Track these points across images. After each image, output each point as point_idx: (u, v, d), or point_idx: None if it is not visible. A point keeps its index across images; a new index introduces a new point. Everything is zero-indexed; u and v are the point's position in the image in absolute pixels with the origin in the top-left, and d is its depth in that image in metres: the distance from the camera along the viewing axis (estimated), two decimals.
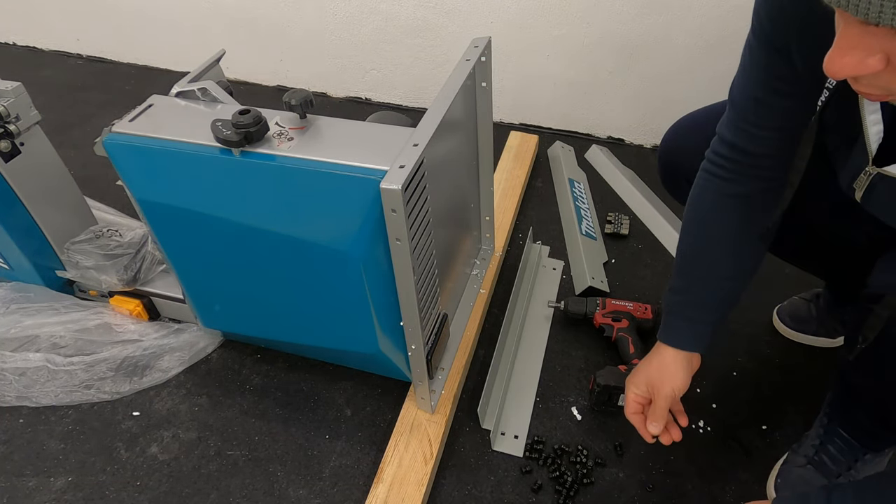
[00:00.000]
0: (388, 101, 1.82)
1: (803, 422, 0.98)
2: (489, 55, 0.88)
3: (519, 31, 1.54)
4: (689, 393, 1.02)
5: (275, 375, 1.06)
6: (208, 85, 0.85)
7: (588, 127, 1.68)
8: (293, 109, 0.75)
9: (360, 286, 0.79)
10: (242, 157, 0.74)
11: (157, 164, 0.80)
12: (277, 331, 0.99)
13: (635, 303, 1.11)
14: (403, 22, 1.62)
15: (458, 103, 0.81)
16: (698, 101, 0.92)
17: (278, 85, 1.90)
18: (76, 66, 2.02)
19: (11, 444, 0.95)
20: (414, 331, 0.80)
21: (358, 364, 1.05)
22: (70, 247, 1.07)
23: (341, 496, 0.89)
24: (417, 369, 0.87)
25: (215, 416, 0.99)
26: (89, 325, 1.07)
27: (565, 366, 1.08)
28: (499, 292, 1.20)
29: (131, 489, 0.90)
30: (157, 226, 0.88)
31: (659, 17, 1.41)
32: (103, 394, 1.01)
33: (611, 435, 0.97)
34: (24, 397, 0.99)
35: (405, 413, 0.95)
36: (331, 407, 1.01)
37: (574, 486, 0.89)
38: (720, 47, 1.41)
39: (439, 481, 0.90)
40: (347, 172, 0.70)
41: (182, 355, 1.06)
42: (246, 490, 0.89)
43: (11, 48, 2.11)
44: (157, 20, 1.86)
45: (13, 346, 1.04)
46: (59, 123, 1.67)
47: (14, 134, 0.95)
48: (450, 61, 1.66)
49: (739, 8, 1.35)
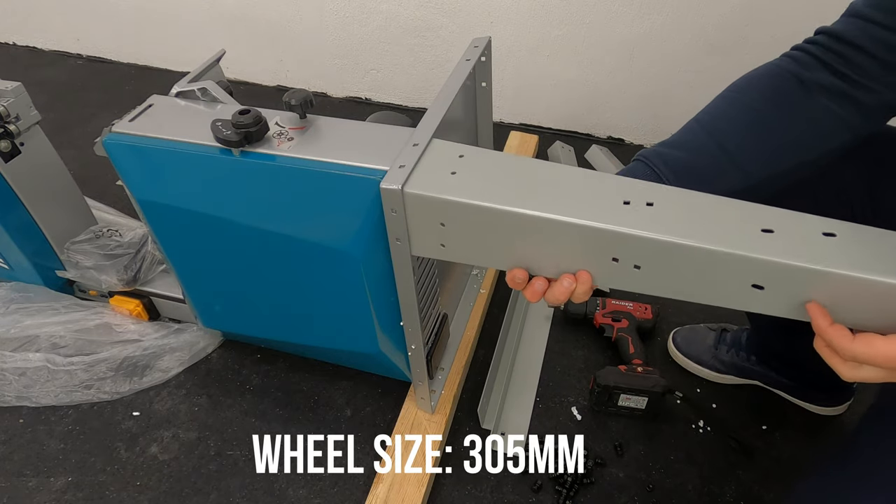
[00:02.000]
0: (388, 101, 1.82)
1: (804, 422, 0.98)
2: (489, 55, 0.88)
3: (519, 31, 1.54)
4: (689, 393, 1.03)
5: (275, 375, 1.06)
6: (208, 85, 0.85)
7: (588, 127, 1.68)
8: (293, 109, 0.75)
9: (360, 286, 0.79)
10: (242, 157, 0.74)
11: (157, 164, 0.80)
12: (277, 331, 0.99)
13: (635, 303, 1.12)
14: (404, 22, 1.62)
15: (458, 103, 0.81)
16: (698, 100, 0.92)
17: (278, 85, 1.90)
18: (76, 66, 2.02)
19: (11, 444, 0.95)
20: (414, 331, 0.80)
21: (358, 364, 1.05)
22: (70, 247, 1.07)
23: (341, 496, 0.89)
24: (417, 369, 0.87)
25: (215, 416, 0.99)
26: (89, 325, 1.07)
27: (565, 366, 1.08)
28: (499, 292, 1.20)
29: (131, 489, 0.90)
30: (157, 226, 0.88)
31: (659, 17, 1.41)
32: (103, 394, 1.01)
33: (611, 435, 0.97)
34: (24, 397, 0.99)
35: (405, 413, 0.95)
36: (331, 407, 1.01)
37: (574, 486, 0.89)
38: (720, 47, 1.41)
39: (439, 481, 0.90)
40: (347, 172, 0.70)
41: (182, 355, 1.06)
42: (246, 490, 0.89)
43: (11, 48, 2.11)
44: (156, 20, 1.86)
45: (13, 346, 1.04)
46: (59, 123, 1.67)
47: (14, 134, 0.95)
48: (450, 61, 1.66)
49: (739, 8, 1.35)
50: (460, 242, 0.62)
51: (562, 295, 0.58)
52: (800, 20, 1.31)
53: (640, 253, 0.53)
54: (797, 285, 0.49)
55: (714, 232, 0.51)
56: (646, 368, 0.98)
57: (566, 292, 0.58)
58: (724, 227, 0.52)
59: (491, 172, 0.61)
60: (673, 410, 1.00)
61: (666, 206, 0.54)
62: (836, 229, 0.50)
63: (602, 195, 0.56)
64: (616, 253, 0.54)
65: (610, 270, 0.56)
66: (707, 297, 0.54)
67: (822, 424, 0.98)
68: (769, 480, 0.91)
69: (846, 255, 0.47)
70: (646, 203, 0.55)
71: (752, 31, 1.37)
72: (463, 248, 0.63)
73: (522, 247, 0.58)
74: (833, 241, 0.49)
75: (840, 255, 0.47)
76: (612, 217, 0.53)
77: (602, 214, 0.54)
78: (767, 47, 1.36)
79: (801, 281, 0.48)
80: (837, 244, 0.48)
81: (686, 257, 0.52)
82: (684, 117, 0.65)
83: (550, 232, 0.55)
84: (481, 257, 0.63)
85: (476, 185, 0.59)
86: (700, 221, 0.52)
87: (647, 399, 0.95)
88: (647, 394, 0.95)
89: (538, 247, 0.58)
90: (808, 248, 0.48)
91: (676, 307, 1.17)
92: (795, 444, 0.96)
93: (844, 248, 0.48)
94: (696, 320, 1.13)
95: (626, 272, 0.55)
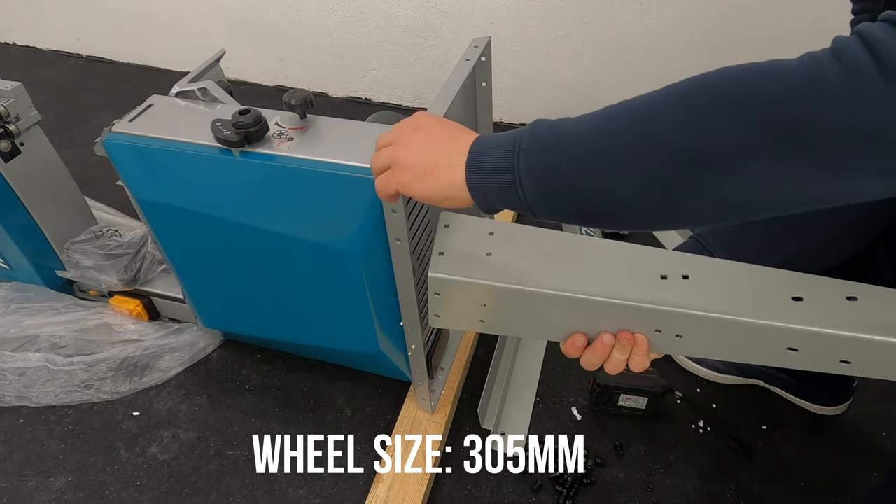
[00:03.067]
0: (388, 101, 1.82)
1: (804, 422, 0.98)
2: (489, 55, 0.88)
3: (519, 31, 1.54)
4: (690, 393, 1.03)
5: (275, 375, 1.06)
6: (208, 85, 0.85)
7: None
8: (293, 109, 0.75)
9: (360, 286, 0.79)
10: (242, 157, 0.74)
11: (157, 164, 0.80)
12: (277, 331, 0.99)
13: None
14: (403, 22, 1.62)
15: (458, 103, 0.81)
16: None
17: (278, 85, 1.90)
18: (76, 66, 2.02)
19: (11, 444, 0.95)
20: (414, 331, 0.80)
21: (358, 364, 1.05)
22: (70, 247, 1.07)
23: (341, 496, 0.89)
24: (417, 369, 0.87)
25: (215, 416, 0.99)
26: (89, 325, 1.07)
27: (565, 366, 1.08)
28: None
29: (131, 489, 0.90)
30: (157, 226, 0.88)
31: (659, 17, 1.41)
32: (103, 394, 1.01)
33: (611, 435, 0.97)
34: (24, 397, 0.99)
35: (405, 413, 0.95)
36: (331, 407, 1.01)
37: (574, 486, 0.89)
38: (720, 47, 1.41)
39: (439, 481, 0.90)
40: (347, 172, 0.70)
41: (182, 355, 1.06)
42: (246, 490, 0.89)
43: (11, 48, 2.12)
44: (157, 20, 1.86)
45: (13, 346, 1.04)
46: (59, 123, 1.67)
47: (14, 134, 0.95)
48: (450, 61, 1.66)
49: (739, 8, 1.35)
50: (501, 319, 0.63)
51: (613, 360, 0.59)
52: (800, 20, 1.31)
53: (680, 325, 0.56)
54: (827, 348, 0.52)
55: (748, 303, 0.54)
56: (646, 368, 0.98)
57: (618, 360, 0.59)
58: (757, 298, 0.54)
59: (526, 252, 0.61)
60: (673, 410, 1.00)
61: (701, 278, 0.57)
62: (857, 293, 0.53)
63: (640, 271, 0.58)
64: (658, 325, 0.57)
65: (655, 339, 0.59)
66: (748, 357, 0.57)
67: (822, 424, 0.98)
68: (769, 480, 0.91)
69: (866, 319, 0.52)
70: (682, 276, 0.57)
71: (751, 31, 1.37)
72: (504, 325, 0.64)
73: (567, 323, 0.60)
74: (855, 304, 0.52)
75: (860, 319, 0.51)
76: (652, 294, 0.56)
77: (642, 292, 0.56)
78: (767, 47, 1.37)
79: (830, 345, 0.52)
80: (860, 308, 0.52)
81: (724, 328, 0.54)
82: None
83: (596, 310, 0.57)
84: (522, 331, 0.65)
85: (515, 267, 0.60)
86: (734, 292, 0.55)
87: (647, 399, 0.95)
88: (647, 394, 0.95)
89: (583, 324, 0.59)
90: (833, 315, 0.52)
91: None
92: (795, 444, 0.96)
93: (866, 312, 0.52)
94: None
95: (670, 340, 0.58)
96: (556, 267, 0.59)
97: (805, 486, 0.91)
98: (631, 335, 0.57)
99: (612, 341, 0.58)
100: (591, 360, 0.59)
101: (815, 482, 0.91)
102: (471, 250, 0.61)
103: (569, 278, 0.58)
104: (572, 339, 0.59)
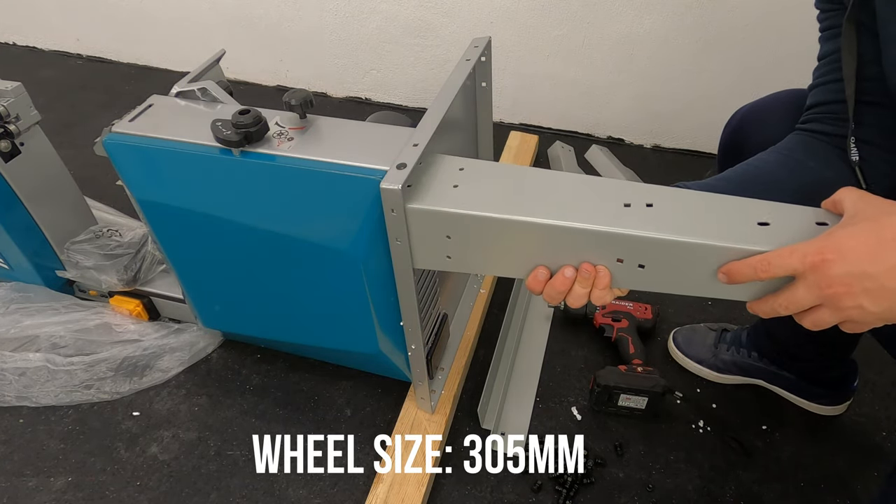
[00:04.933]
0: (388, 101, 1.82)
1: (804, 422, 0.98)
2: (489, 55, 0.88)
3: (519, 31, 1.54)
4: (690, 393, 1.03)
5: (275, 375, 1.06)
6: (208, 85, 0.85)
7: (588, 127, 1.68)
8: (293, 109, 0.75)
9: (360, 286, 0.79)
10: (242, 157, 0.74)
11: (157, 164, 0.80)
12: (277, 331, 0.99)
13: (635, 303, 1.12)
14: (403, 22, 1.62)
15: (458, 103, 0.81)
16: (698, 100, 0.92)
17: (278, 85, 1.90)
18: (76, 66, 2.02)
19: (11, 444, 0.95)
20: (414, 331, 0.80)
21: (358, 364, 1.05)
22: (70, 247, 1.07)
23: (341, 496, 0.89)
24: (417, 369, 0.87)
25: (215, 416, 0.99)
26: (89, 325, 1.07)
27: (565, 366, 1.08)
28: (499, 292, 1.20)
29: (131, 489, 0.90)
30: (157, 226, 0.88)
31: (659, 17, 1.41)
32: (103, 394, 1.01)
33: (611, 435, 0.97)
34: (24, 397, 0.99)
35: (405, 413, 0.95)
36: (331, 407, 1.01)
37: (574, 486, 0.89)
38: (720, 46, 1.41)
39: (439, 481, 0.90)
40: (347, 172, 0.70)
41: (182, 355, 1.06)
42: (246, 490, 0.89)
43: (11, 48, 2.11)
44: (156, 20, 1.86)
45: (13, 346, 1.04)
46: (59, 123, 1.67)
47: (14, 134, 0.95)
48: (450, 61, 1.66)
49: (739, 8, 1.35)
50: (467, 253, 0.64)
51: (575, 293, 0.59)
52: (800, 20, 1.31)
53: (643, 252, 0.55)
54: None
55: (712, 228, 0.53)
56: (646, 368, 0.98)
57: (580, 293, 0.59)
58: (722, 223, 0.54)
59: (493, 183, 0.62)
60: (673, 410, 1.00)
61: (665, 206, 0.56)
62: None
63: (604, 199, 0.58)
64: (620, 254, 0.56)
65: (616, 271, 0.58)
66: (711, 291, 0.56)
67: (823, 424, 0.98)
68: (769, 480, 0.91)
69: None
70: (645, 204, 0.57)
71: (751, 31, 1.37)
72: (469, 259, 0.65)
73: (530, 254, 0.60)
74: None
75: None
76: (614, 220, 0.55)
77: (604, 218, 0.56)
78: (767, 47, 1.37)
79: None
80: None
81: (687, 253, 0.54)
82: (684, 117, 0.66)
83: (557, 237, 0.57)
84: (486, 267, 0.65)
85: (480, 197, 0.61)
86: (698, 218, 0.55)
87: (647, 399, 0.95)
88: (647, 394, 0.95)
89: (545, 254, 0.59)
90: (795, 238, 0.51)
91: (676, 307, 1.17)
92: (795, 444, 0.96)
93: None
94: (696, 320, 1.13)
95: (632, 272, 0.57)
96: (520, 197, 0.60)
97: (805, 486, 0.91)
98: (592, 267, 0.57)
99: (574, 274, 0.58)
100: (552, 293, 0.60)
101: (815, 482, 0.91)
102: (439, 183, 0.63)
103: (531, 206, 0.58)
104: (535, 273, 0.60)
